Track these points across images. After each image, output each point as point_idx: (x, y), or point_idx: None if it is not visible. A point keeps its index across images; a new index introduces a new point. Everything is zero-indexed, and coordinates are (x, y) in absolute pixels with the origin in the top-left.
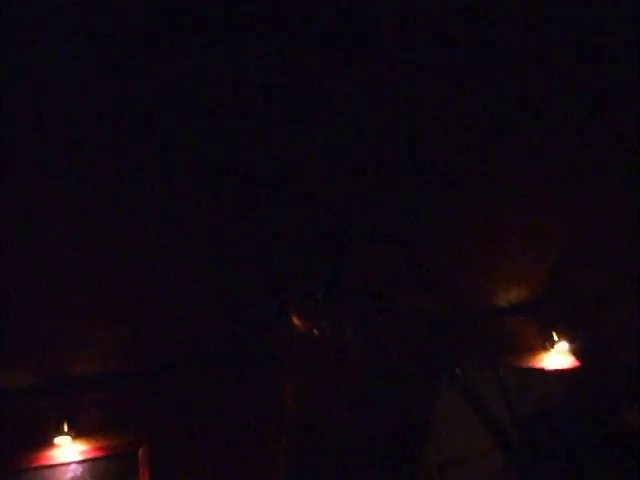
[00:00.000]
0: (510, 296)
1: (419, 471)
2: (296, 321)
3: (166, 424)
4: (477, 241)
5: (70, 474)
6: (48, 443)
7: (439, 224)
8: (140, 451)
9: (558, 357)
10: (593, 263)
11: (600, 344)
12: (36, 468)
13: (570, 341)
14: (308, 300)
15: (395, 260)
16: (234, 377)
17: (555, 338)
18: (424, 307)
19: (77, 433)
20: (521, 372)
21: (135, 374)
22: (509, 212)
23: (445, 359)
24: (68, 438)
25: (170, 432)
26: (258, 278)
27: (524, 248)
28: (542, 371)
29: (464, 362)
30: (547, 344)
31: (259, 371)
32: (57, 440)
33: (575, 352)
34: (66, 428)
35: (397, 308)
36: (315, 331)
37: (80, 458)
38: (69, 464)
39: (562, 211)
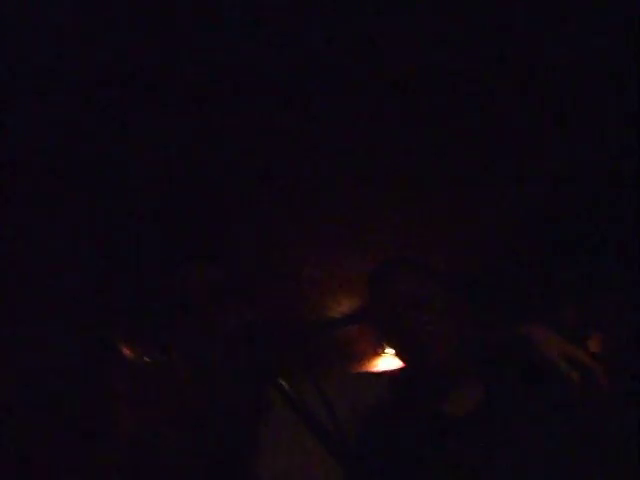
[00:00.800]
0: (342, 307)
1: None
2: (127, 351)
3: None
4: (302, 254)
5: None
6: None
7: (258, 239)
8: None
9: (391, 360)
10: (408, 270)
11: (416, 345)
12: None
13: (391, 344)
14: (136, 330)
15: (215, 278)
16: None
17: (385, 345)
18: (245, 321)
19: None
20: (341, 378)
21: None
22: (331, 223)
23: (269, 371)
24: None
25: None
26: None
27: (348, 258)
28: (366, 375)
29: (288, 373)
30: (379, 349)
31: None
32: None
33: (397, 353)
34: None
35: (218, 324)
36: (145, 359)
37: None
38: None
39: (382, 222)
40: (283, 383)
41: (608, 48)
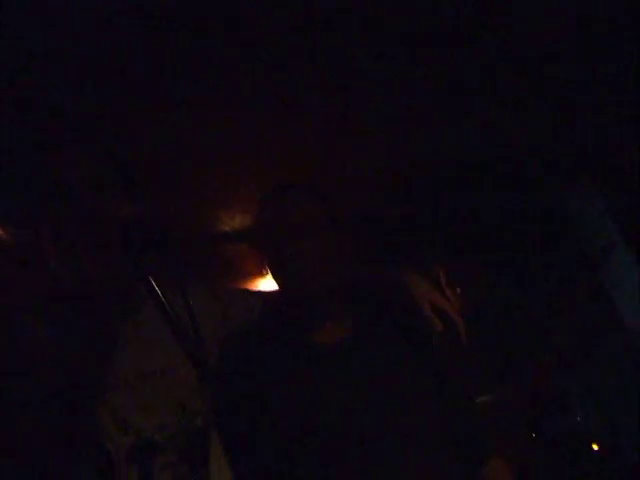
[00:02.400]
0: (234, 223)
1: (112, 385)
2: None
3: None
4: (201, 159)
5: None
6: None
7: (155, 132)
8: None
9: (273, 282)
10: (298, 195)
11: (293, 273)
12: None
13: (269, 267)
14: (9, 206)
15: (96, 163)
16: None
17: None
18: (123, 211)
19: None
20: (216, 289)
21: None
22: (234, 138)
23: (142, 271)
24: None
25: None
26: None
27: (249, 175)
28: (242, 290)
29: (160, 280)
30: (264, 270)
31: None
32: None
33: (273, 277)
34: None
35: (95, 211)
36: (12, 241)
37: None
38: None
39: (285, 142)
40: (155, 285)
41: None
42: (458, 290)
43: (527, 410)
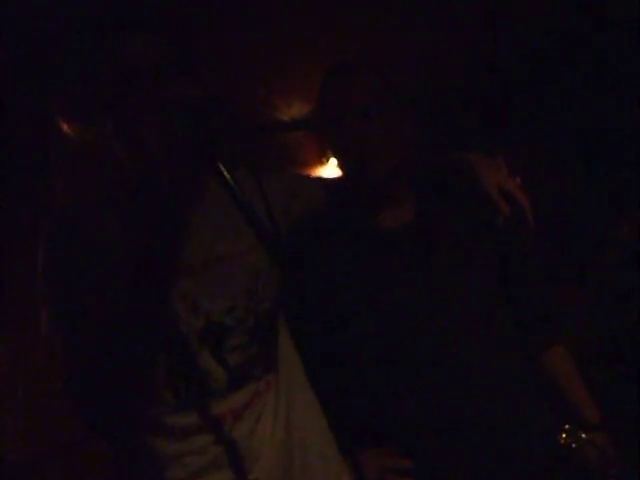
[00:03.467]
0: (292, 110)
1: (181, 270)
2: (62, 124)
3: None
4: (257, 49)
5: None
6: None
7: (210, 20)
8: None
9: (333, 170)
10: (360, 75)
11: (358, 157)
12: None
13: (334, 152)
14: (72, 102)
15: (160, 49)
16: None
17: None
18: (188, 97)
19: None
20: (289, 178)
21: None
22: (289, 24)
23: (209, 156)
24: None
25: None
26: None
27: (306, 61)
28: (312, 178)
29: (229, 164)
30: (323, 158)
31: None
32: None
33: (338, 163)
34: None
35: (160, 98)
36: (82, 133)
37: None
38: None
39: (339, 24)
40: (223, 169)
41: None
42: (518, 180)
43: None
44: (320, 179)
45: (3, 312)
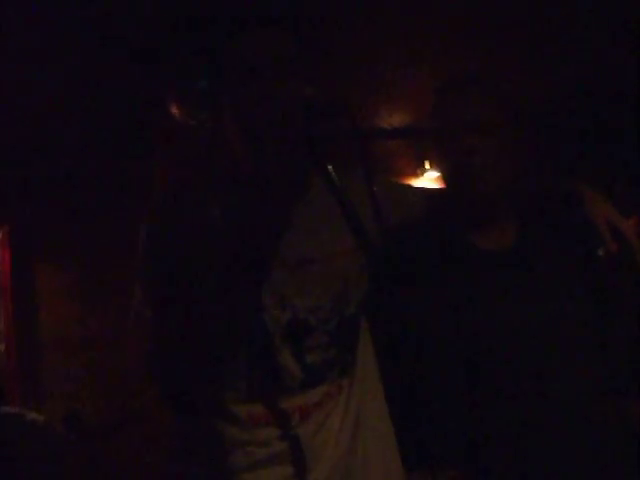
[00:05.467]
0: (393, 118)
1: (275, 264)
2: (175, 110)
3: (31, 207)
4: (362, 55)
5: None
6: None
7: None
8: (1, 232)
9: (427, 184)
10: (477, 90)
11: (465, 172)
12: None
13: (439, 165)
14: (188, 89)
15: (283, 45)
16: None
17: (426, 166)
18: (306, 95)
19: None
20: (392, 185)
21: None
22: (397, 33)
23: (319, 153)
24: None
25: (35, 215)
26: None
27: (410, 71)
28: (413, 187)
29: (338, 163)
30: (419, 170)
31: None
32: None
33: (441, 176)
34: None
35: (279, 94)
36: (193, 120)
37: None
38: None
39: (453, 33)
40: (331, 170)
41: None
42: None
43: None
44: (422, 190)
45: (100, 281)
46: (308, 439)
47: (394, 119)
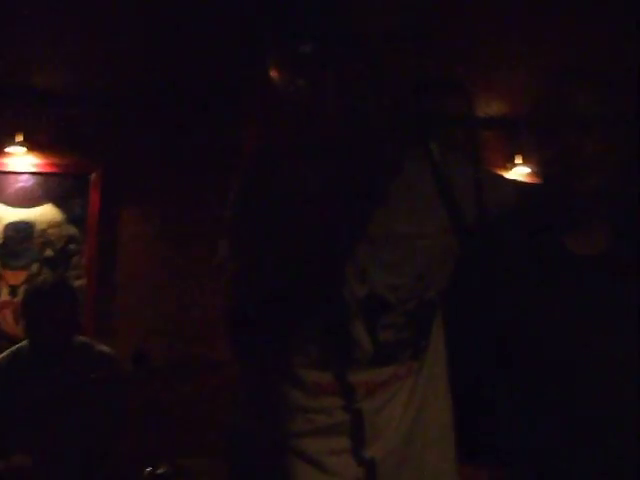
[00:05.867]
0: (489, 108)
1: (368, 240)
2: (274, 74)
3: (122, 153)
4: (462, 44)
5: (20, 184)
6: (0, 150)
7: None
8: (93, 175)
9: (516, 177)
10: (587, 85)
11: (566, 170)
12: None
13: (540, 163)
14: (291, 53)
15: (398, 17)
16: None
17: (517, 161)
18: (412, 67)
19: (32, 146)
20: (490, 173)
21: (100, 96)
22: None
23: (424, 131)
24: (22, 149)
25: (125, 161)
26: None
27: (516, 61)
28: (508, 179)
29: (443, 142)
30: (508, 164)
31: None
32: (10, 149)
33: (538, 171)
34: (21, 138)
35: (389, 66)
36: (292, 85)
37: (32, 170)
38: (21, 174)
39: (564, 24)
40: (434, 150)
41: None
42: None
43: None
44: (516, 182)
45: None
46: (371, 415)
47: (490, 109)
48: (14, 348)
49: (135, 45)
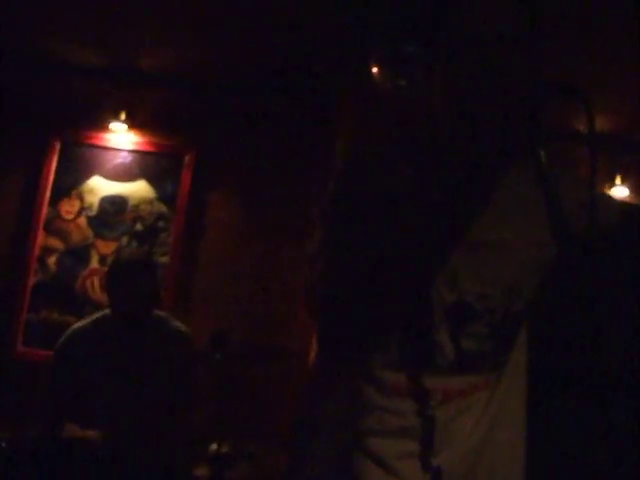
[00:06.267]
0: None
1: (463, 245)
2: (375, 70)
3: (216, 138)
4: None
5: (119, 160)
6: (104, 126)
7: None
8: (187, 156)
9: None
10: None
11: None
12: (90, 146)
13: None
14: (394, 52)
15: (511, 18)
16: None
17: (617, 181)
18: (524, 69)
19: (133, 124)
20: (603, 192)
21: (200, 82)
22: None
23: (535, 136)
24: (124, 127)
25: (218, 146)
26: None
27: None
28: (613, 198)
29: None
30: (607, 184)
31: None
32: (113, 125)
33: None
34: (123, 116)
35: (501, 68)
36: (392, 84)
37: (131, 148)
38: (120, 150)
39: None
40: (543, 156)
41: None
42: None
43: None
44: (621, 203)
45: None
46: (443, 423)
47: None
48: (98, 314)
49: (240, 36)
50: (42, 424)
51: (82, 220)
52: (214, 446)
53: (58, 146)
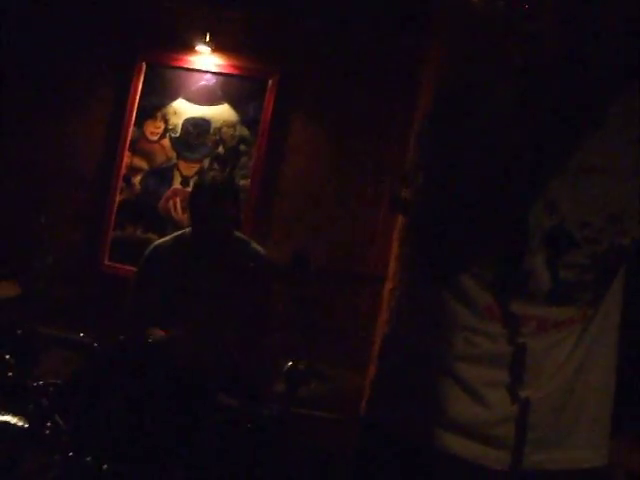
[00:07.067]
0: None
1: (563, 170)
2: None
3: (300, 62)
4: None
5: (203, 82)
6: (189, 49)
7: None
8: (270, 80)
9: None
10: None
11: None
12: (175, 68)
13: None
14: None
15: None
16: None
17: None
18: None
19: (217, 47)
20: None
21: (286, 6)
22: None
23: None
24: (208, 49)
25: (301, 71)
26: None
27: None
28: None
29: None
30: None
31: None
32: (198, 47)
33: None
34: (208, 38)
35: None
36: (491, 6)
37: (215, 70)
38: (204, 72)
39: None
40: None
41: None
42: None
43: None
44: None
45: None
46: (536, 353)
47: None
48: (178, 233)
49: None
50: (128, 329)
51: (166, 141)
52: (290, 364)
53: (144, 68)
